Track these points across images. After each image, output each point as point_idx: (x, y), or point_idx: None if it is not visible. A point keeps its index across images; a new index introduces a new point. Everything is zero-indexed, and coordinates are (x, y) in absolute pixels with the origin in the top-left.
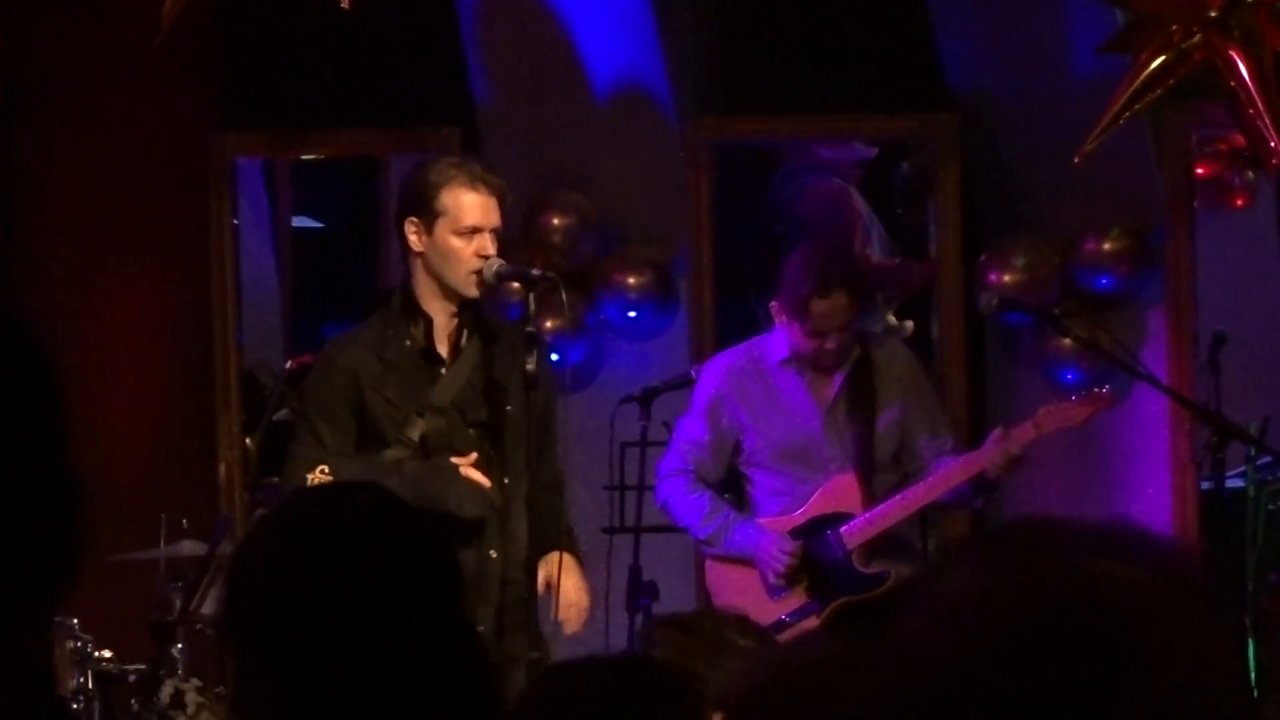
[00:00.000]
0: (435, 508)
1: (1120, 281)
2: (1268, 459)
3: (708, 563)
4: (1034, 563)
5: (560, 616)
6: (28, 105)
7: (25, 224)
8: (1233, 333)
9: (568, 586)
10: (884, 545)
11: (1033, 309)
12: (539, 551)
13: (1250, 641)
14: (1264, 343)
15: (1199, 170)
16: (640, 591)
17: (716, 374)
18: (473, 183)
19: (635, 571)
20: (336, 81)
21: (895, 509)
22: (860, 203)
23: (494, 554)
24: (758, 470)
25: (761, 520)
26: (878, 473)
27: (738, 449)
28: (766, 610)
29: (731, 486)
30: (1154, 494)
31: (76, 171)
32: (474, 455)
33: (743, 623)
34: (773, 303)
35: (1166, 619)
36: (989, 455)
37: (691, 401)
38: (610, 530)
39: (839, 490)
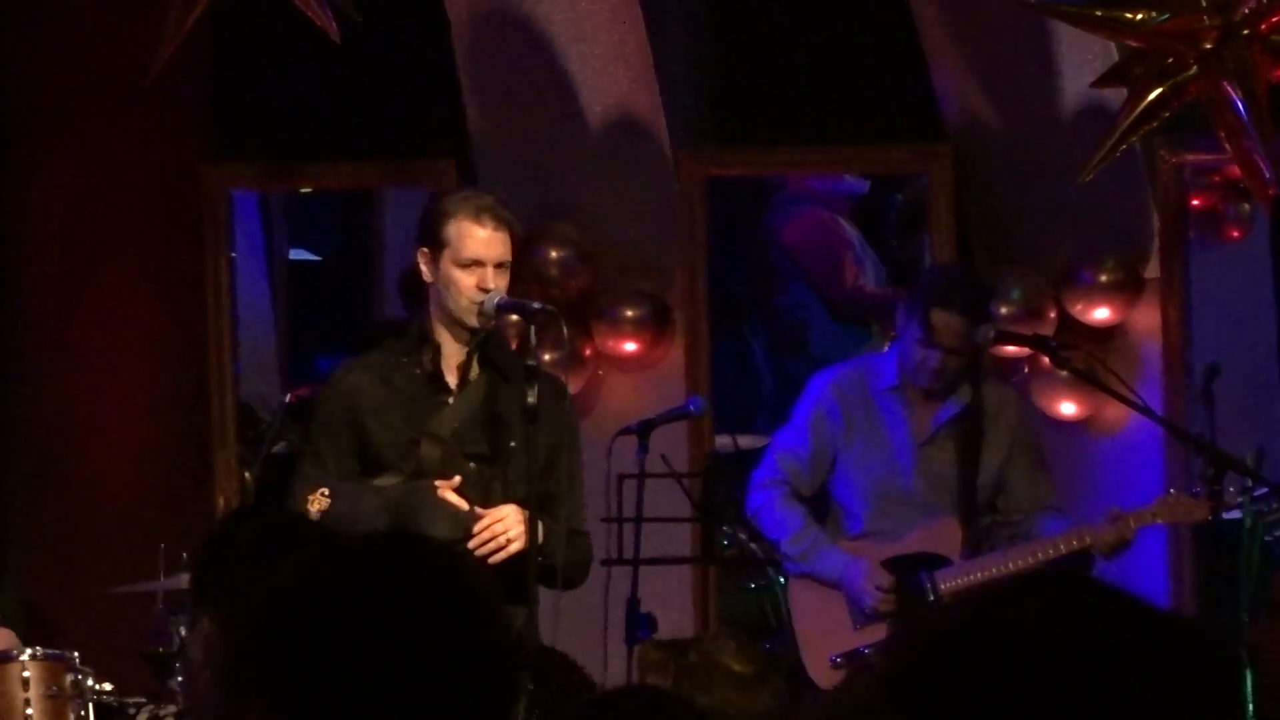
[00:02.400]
0: (411, 528)
1: (1115, 313)
2: (1264, 490)
3: (792, 582)
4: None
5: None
6: (19, 136)
7: (16, 257)
8: (1227, 364)
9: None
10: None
11: (1031, 340)
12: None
13: (1247, 674)
14: (1258, 374)
15: (1193, 202)
16: (638, 623)
17: (823, 387)
18: (478, 215)
19: (633, 603)
20: (331, 114)
21: (996, 563)
22: (850, 232)
23: None
24: (844, 492)
25: (849, 543)
26: (975, 517)
27: (833, 465)
28: (848, 638)
29: (817, 502)
30: (1150, 528)
31: (68, 203)
32: (457, 479)
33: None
34: (901, 301)
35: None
36: (1102, 533)
37: (793, 411)
38: (608, 562)
39: (940, 532)
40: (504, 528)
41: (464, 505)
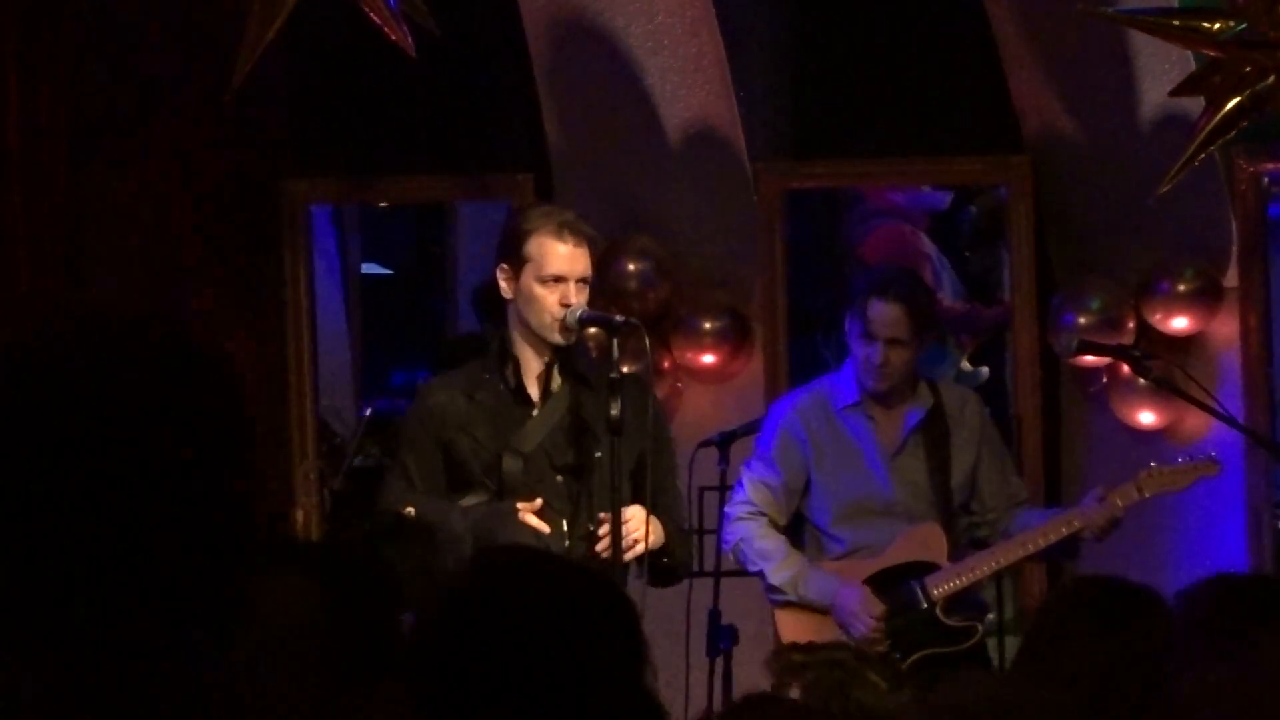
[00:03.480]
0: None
1: (1194, 322)
2: None
3: (777, 612)
4: None
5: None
6: (96, 152)
7: (95, 271)
8: None
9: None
10: (963, 597)
11: (1113, 350)
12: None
13: None
14: None
15: (1272, 211)
16: (720, 636)
17: (785, 413)
18: (559, 231)
19: (715, 615)
20: (408, 128)
21: (986, 562)
22: (928, 245)
23: None
24: (821, 512)
25: (833, 563)
26: (954, 520)
27: (806, 490)
28: None
29: (792, 527)
30: (1231, 535)
31: (145, 219)
32: (539, 501)
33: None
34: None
35: None
36: (1090, 514)
37: (758, 443)
38: (689, 575)
39: (923, 539)
40: (633, 528)
41: (545, 528)
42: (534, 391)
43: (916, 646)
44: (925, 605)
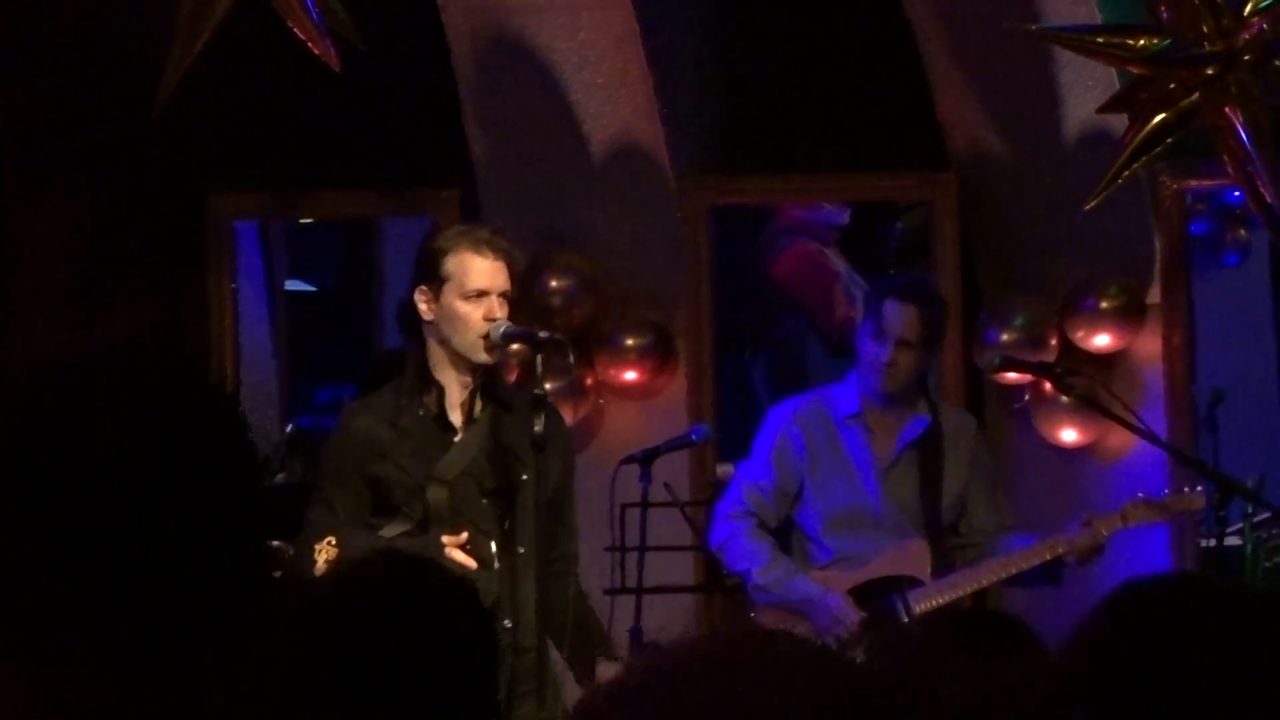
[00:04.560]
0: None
1: (1117, 339)
2: (1265, 515)
3: (759, 610)
4: None
5: None
6: (20, 167)
7: (16, 286)
8: (1229, 389)
9: None
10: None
11: (1035, 366)
12: (548, 620)
13: None
14: (1260, 399)
15: (1195, 228)
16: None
17: (783, 418)
18: (478, 246)
19: (637, 633)
20: (333, 143)
21: (968, 581)
22: (837, 263)
23: (507, 623)
24: (810, 520)
25: (819, 572)
26: (940, 538)
27: (798, 496)
28: None
29: (781, 532)
30: (1154, 551)
31: (70, 234)
32: (464, 535)
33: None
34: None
35: None
36: (1074, 541)
37: (755, 444)
38: (611, 591)
39: (908, 554)
40: None
41: (471, 564)
42: (456, 418)
43: None
44: (905, 619)
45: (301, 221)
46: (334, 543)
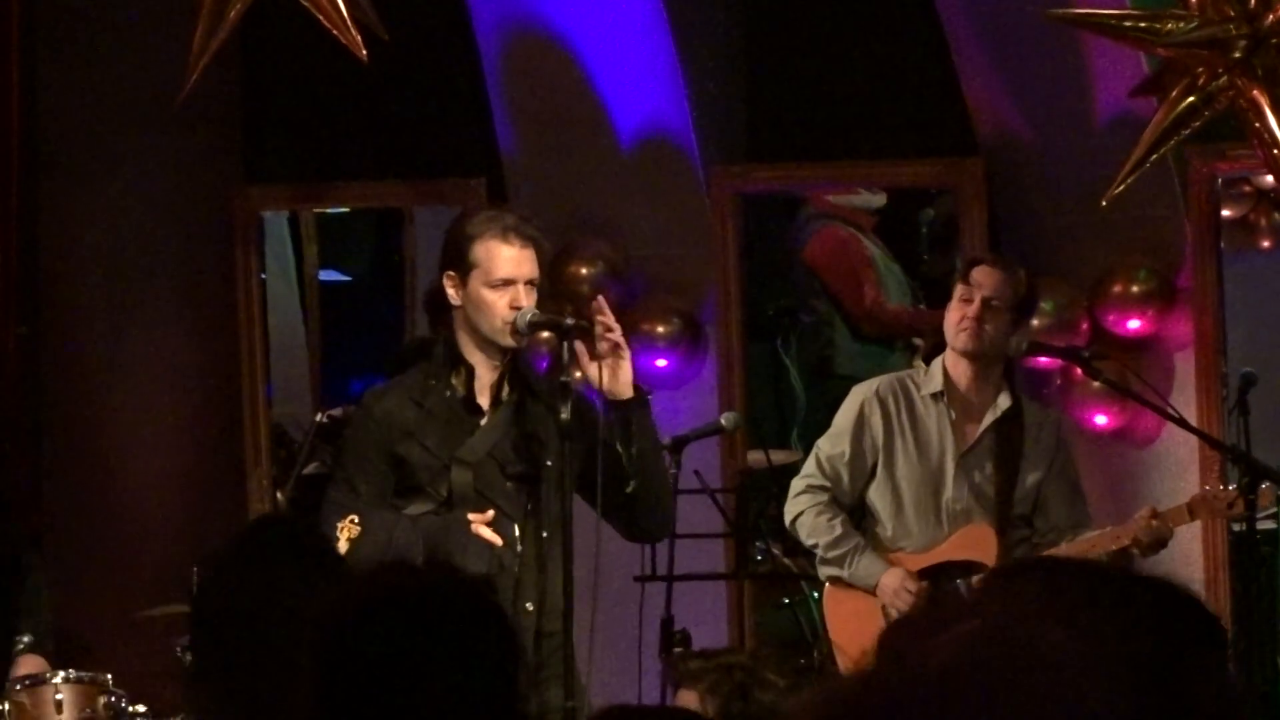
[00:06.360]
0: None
1: (1148, 324)
2: None
3: (827, 587)
4: None
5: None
6: (52, 161)
7: (51, 279)
8: (1260, 373)
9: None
10: None
11: (1062, 351)
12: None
13: None
14: None
15: (1225, 212)
16: (672, 640)
17: (866, 394)
18: (505, 234)
19: (667, 620)
20: (361, 134)
21: None
22: (870, 248)
23: (530, 606)
24: (882, 497)
25: (889, 554)
26: (1009, 528)
27: (873, 472)
28: None
29: (853, 510)
30: (1184, 536)
31: (101, 226)
32: (490, 513)
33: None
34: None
35: None
36: (1140, 532)
37: (836, 419)
38: (642, 579)
39: (975, 539)
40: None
41: (497, 540)
42: (484, 400)
43: None
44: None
45: (332, 212)
46: (356, 521)
